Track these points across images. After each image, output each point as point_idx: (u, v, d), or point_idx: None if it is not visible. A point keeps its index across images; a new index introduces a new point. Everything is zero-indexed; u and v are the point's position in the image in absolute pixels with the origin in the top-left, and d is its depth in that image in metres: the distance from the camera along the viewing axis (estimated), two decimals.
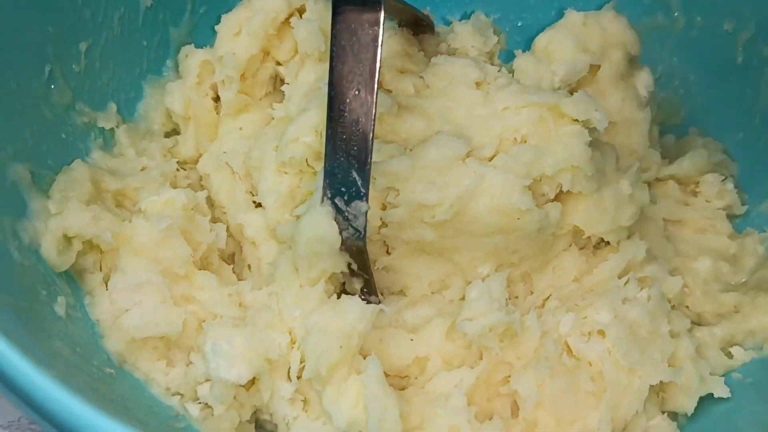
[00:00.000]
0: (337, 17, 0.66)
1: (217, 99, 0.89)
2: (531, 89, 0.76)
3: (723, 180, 0.90)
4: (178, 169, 0.85)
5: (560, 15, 0.94)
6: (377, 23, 0.65)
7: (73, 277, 0.71)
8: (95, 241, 0.70)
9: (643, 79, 0.91)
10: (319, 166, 0.77)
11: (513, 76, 0.83)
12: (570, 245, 0.80)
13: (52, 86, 0.74)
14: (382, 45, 0.65)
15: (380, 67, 0.66)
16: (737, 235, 0.88)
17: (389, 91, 0.79)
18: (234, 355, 0.66)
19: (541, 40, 0.90)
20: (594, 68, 0.88)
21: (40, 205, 0.69)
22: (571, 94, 0.77)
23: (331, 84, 0.67)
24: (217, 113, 0.88)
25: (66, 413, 0.44)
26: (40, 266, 0.66)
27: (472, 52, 0.86)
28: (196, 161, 0.88)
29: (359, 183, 0.68)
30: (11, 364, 0.45)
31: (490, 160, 0.73)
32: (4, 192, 0.65)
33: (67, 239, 0.69)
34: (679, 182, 0.91)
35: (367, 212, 0.69)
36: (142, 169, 0.82)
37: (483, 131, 0.75)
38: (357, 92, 0.66)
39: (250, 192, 0.83)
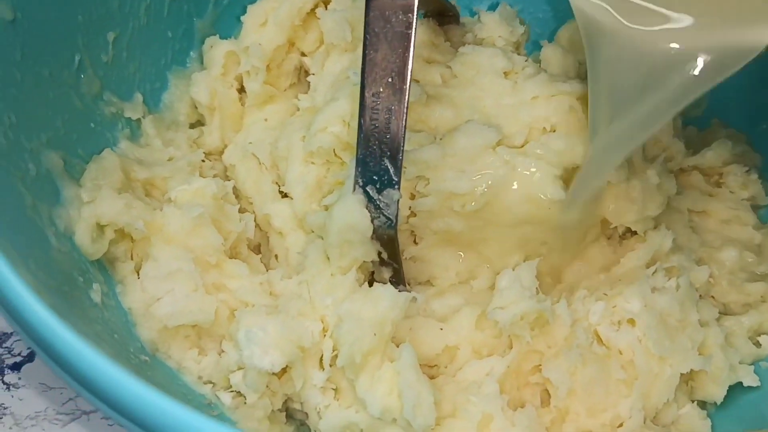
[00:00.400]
0: (370, 4, 0.66)
1: (241, 90, 0.89)
2: (559, 79, 0.76)
3: (747, 171, 0.90)
4: (203, 160, 0.85)
5: None
6: (411, 10, 0.65)
7: (104, 266, 0.71)
8: (127, 229, 0.70)
9: None
10: (347, 157, 0.77)
11: (540, 66, 0.83)
12: (598, 236, 0.80)
13: (82, 76, 0.74)
14: (415, 32, 0.65)
15: (413, 55, 0.66)
16: (762, 226, 0.88)
17: (416, 81, 0.79)
18: (268, 342, 0.66)
19: (565, 31, 0.90)
20: None
21: (73, 192, 0.69)
22: None
23: (364, 72, 0.67)
24: (241, 104, 0.88)
25: (119, 389, 0.45)
26: (75, 253, 0.66)
27: (499, 42, 0.86)
28: (221, 152, 0.88)
29: (391, 171, 0.68)
30: (67, 343, 0.45)
31: (519, 149, 0.73)
32: (40, 179, 0.65)
33: (100, 227, 0.69)
34: (702, 173, 0.91)
35: (399, 200, 0.69)
36: (169, 160, 0.82)
37: (512, 120, 0.75)
38: (390, 79, 0.66)
39: (276, 182, 0.84)
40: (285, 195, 0.82)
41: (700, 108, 0.98)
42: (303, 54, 0.89)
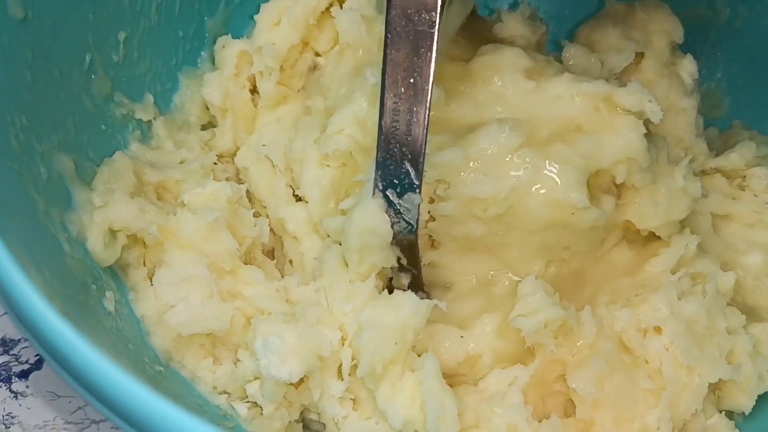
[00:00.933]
0: (391, 2, 0.64)
1: (253, 91, 0.87)
2: (583, 78, 0.74)
3: None
4: (215, 163, 0.83)
5: (598, 7, 0.93)
6: (434, 8, 0.63)
7: (116, 273, 0.69)
8: (140, 234, 0.68)
9: (687, 67, 0.89)
10: (363, 159, 0.75)
11: (562, 65, 0.81)
12: (621, 240, 0.78)
13: (93, 76, 0.72)
14: (439, 31, 0.63)
15: (437, 55, 0.64)
16: None
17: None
18: (286, 351, 0.64)
19: (583, 30, 0.89)
20: (638, 57, 0.86)
21: (84, 197, 0.67)
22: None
23: (385, 72, 0.65)
24: (254, 105, 0.86)
25: (131, 400, 0.43)
26: (88, 260, 0.64)
27: (520, 42, 0.83)
28: (233, 154, 0.86)
29: (412, 175, 0.66)
30: (82, 354, 0.43)
31: (544, 152, 0.71)
32: (51, 183, 0.63)
33: (112, 233, 0.67)
34: (725, 175, 0.89)
35: (420, 205, 0.67)
36: (181, 162, 0.80)
37: (535, 121, 0.73)
38: (412, 80, 0.64)
39: (290, 186, 0.82)
40: (299, 198, 0.80)
41: (721, 109, 0.97)
42: (317, 54, 0.87)
